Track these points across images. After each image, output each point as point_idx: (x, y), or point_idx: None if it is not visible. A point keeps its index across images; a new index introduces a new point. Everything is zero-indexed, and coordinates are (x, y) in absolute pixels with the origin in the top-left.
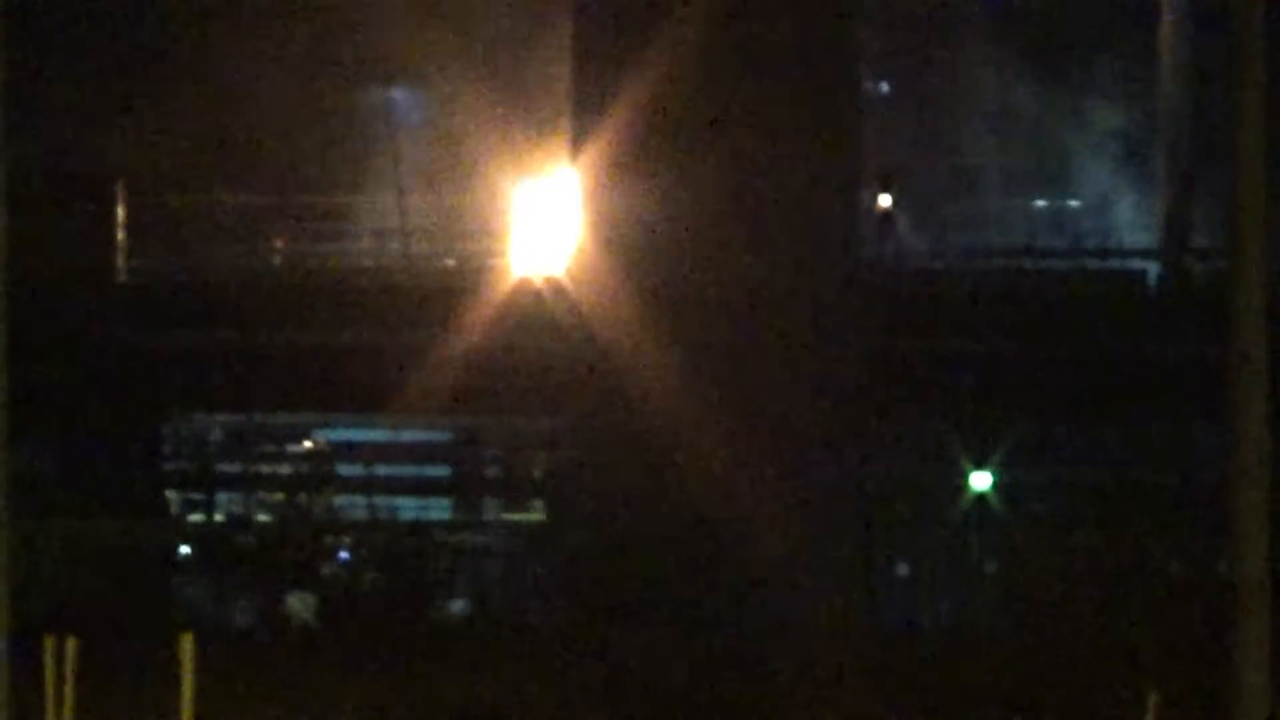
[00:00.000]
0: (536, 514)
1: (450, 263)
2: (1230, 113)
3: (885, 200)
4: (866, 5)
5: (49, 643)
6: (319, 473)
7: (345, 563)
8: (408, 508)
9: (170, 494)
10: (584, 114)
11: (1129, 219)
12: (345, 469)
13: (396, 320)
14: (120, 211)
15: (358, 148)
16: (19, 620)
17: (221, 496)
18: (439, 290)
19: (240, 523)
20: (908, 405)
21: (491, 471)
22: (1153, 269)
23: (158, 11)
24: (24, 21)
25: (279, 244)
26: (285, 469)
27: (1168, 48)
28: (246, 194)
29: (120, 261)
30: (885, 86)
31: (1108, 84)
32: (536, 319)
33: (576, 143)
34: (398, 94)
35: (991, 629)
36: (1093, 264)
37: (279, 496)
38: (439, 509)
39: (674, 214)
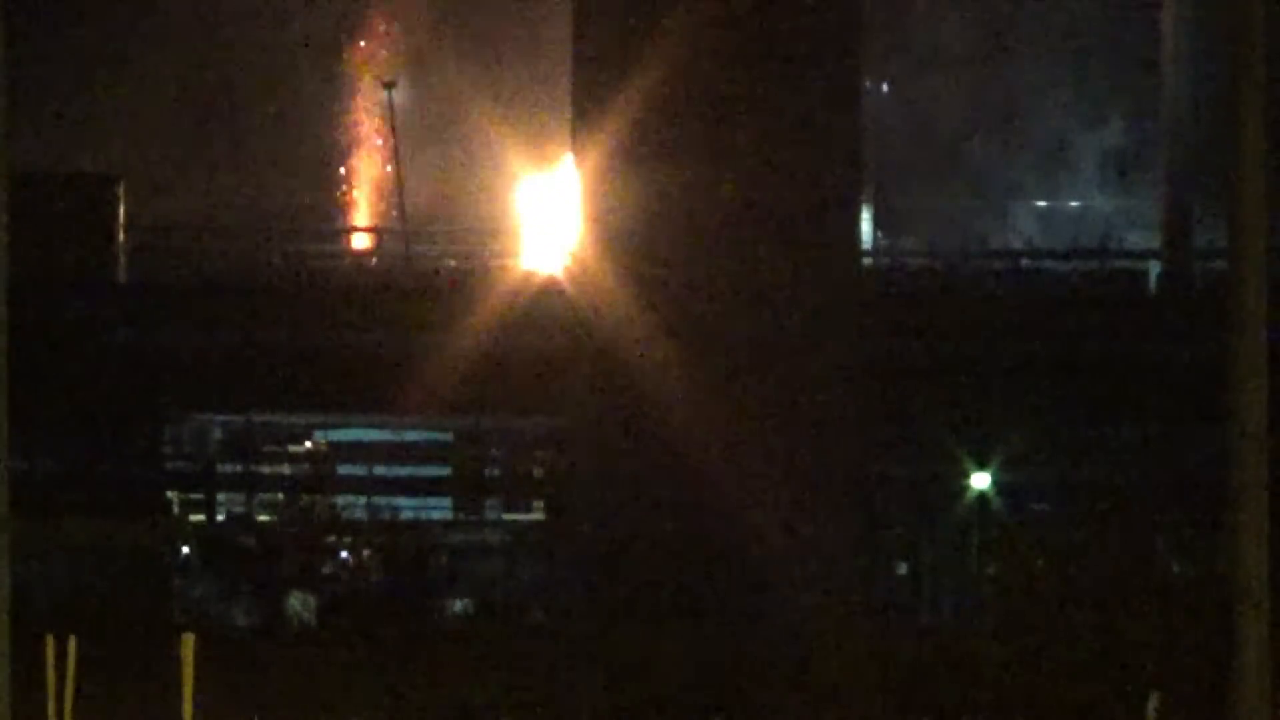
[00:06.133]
0: (536, 514)
1: (450, 262)
2: (1230, 113)
3: None
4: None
5: (49, 642)
6: (319, 473)
7: (345, 563)
8: (408, 508)
9: (170, 494)
10: (585, 114)
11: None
12: (345, 469)
13: (396, 320)
14: (121, 212)
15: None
16: (19, 620)
17: (221, 496)
18: (439, 290)
19: (240, 523)
20: (908, 405)
21: (491, 471)
22: (1154, 270)
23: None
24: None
25: (278, 244)
26: (285, 469)
27: (1170, 50)
28: (245, 195)
29: (121, 262)
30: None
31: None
32: (537, 318)
33: (578, 142)
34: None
35: (991, 629)
36: (1092, 265)
37: (279, 496)
38: (439, 509)
39: (675, 214)
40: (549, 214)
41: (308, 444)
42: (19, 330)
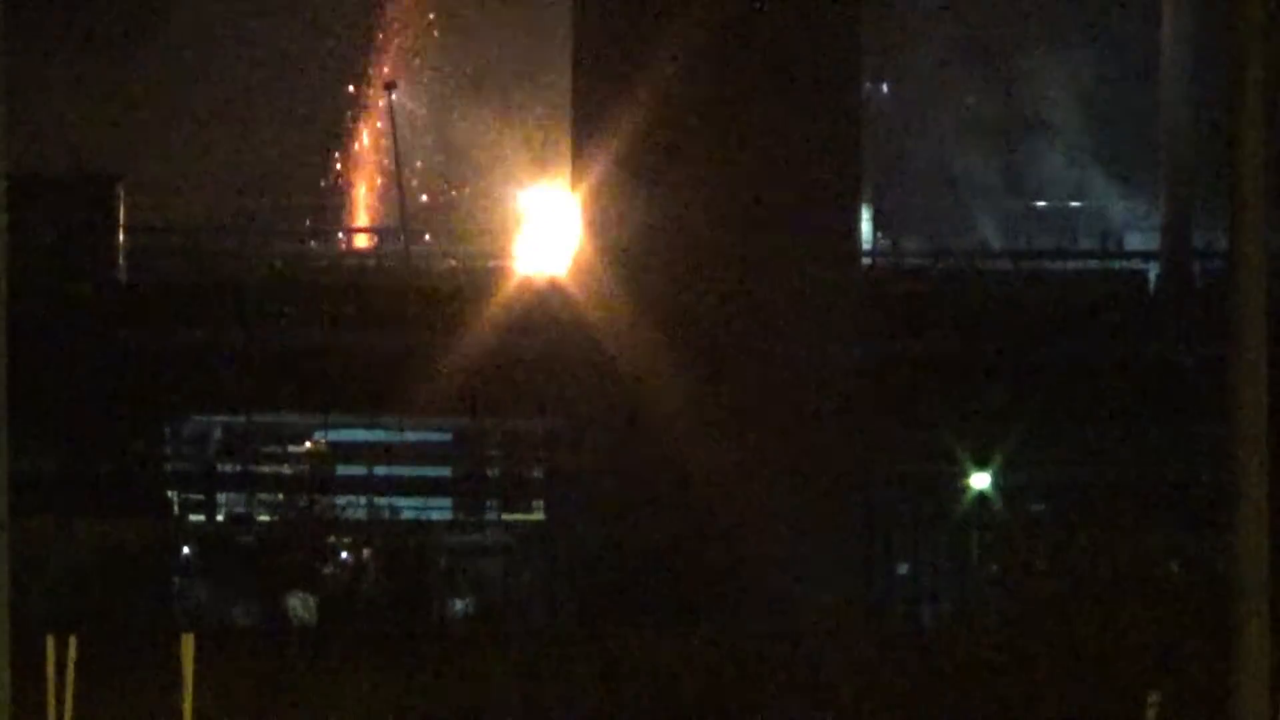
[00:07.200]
0: (536, 514)
1: (451, 263)
2: (1230, 113)
3: None
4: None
5: (49, 641)
6: (319, 473)
7: (345, 563)
8: (408, 508)
9: (170, 494)
10: (586, 120)
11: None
12: (345, 469)
13: (397, 320)
14: (121, 212)
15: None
16: (19, 620)
17: (221, 496)
18: (440, 291)
19: (240, 523)
20: (908, 405)
21: (491, 471)
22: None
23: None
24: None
25: (278, 244)
26: (285, 469)
27: (1169, 47)
28: (246, 195)
29: (121, 262)
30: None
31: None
32: (537, 320)
33: (578, 148)
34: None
35: (991, 628)
36: (1093, 265)
37: (279, 496)
38: (439, 509)
39: (674, 218)
40: (550, 218)
41: (308, 444)
42: (19, 330)
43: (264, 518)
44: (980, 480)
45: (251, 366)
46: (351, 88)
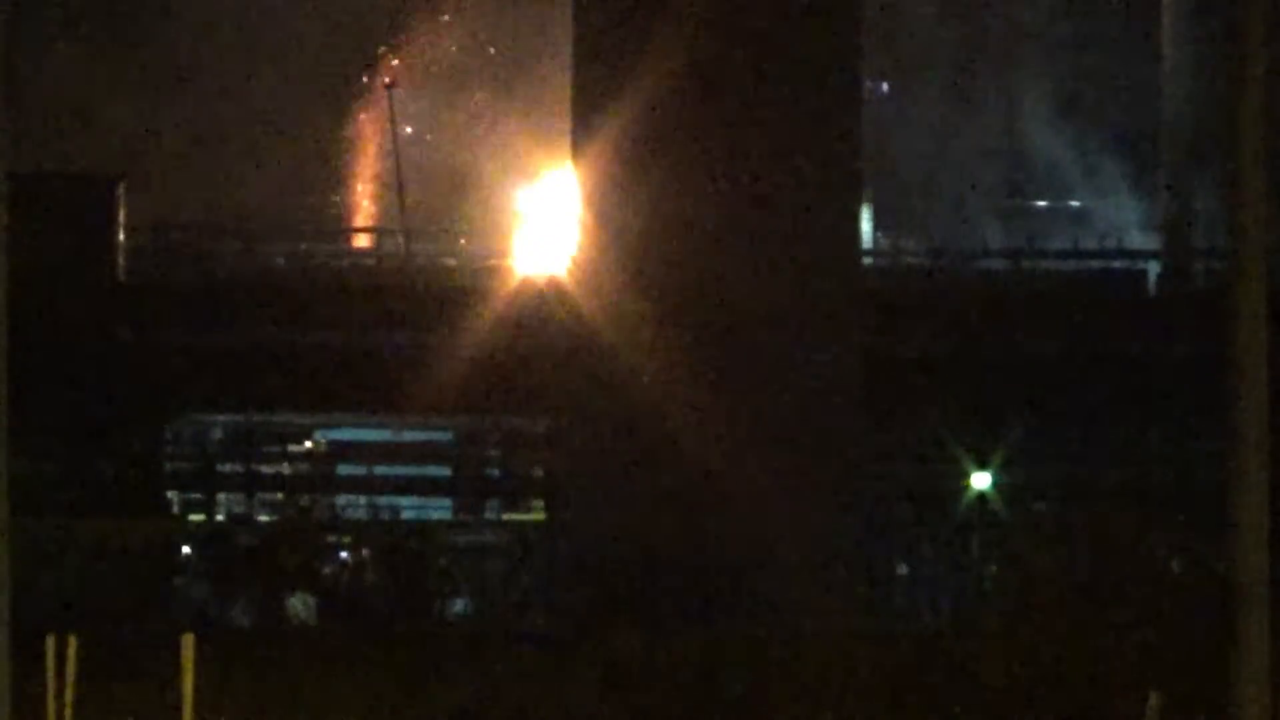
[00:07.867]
0: (536, 514)
1: (451, 262)
2: (1230, 113)
3: None
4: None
5: (49, 641)
6: (319, 473)
7: (345, 563)
8: (408, 508)
9: (170, 494)
10: (585, 116)
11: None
12: (345, 469)
13: (397, 320)
14: (121, 212)
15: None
16: (19, 620)
17: (221, 496)
18: (439, 290)
19: (240, 523)
20: (908, 404)
21: (491, 471)
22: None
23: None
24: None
25: (279, 244)
26: (285, 469)
27: (1170, 47)
28: (245, 194)
29: (121, 262)
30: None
31: None
32: (537, 319)
33: (577, 145)
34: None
35: (991, 628)
36: (1094, 265)
37: (279, 496)
38: (439, 509)
39: (674, 216)
40: (549, 216)
41: (308, 444)
42: (19, 330)
43: (264, 518)
44: (980, 480)
45: (251, 366)
46: (351, 87)
